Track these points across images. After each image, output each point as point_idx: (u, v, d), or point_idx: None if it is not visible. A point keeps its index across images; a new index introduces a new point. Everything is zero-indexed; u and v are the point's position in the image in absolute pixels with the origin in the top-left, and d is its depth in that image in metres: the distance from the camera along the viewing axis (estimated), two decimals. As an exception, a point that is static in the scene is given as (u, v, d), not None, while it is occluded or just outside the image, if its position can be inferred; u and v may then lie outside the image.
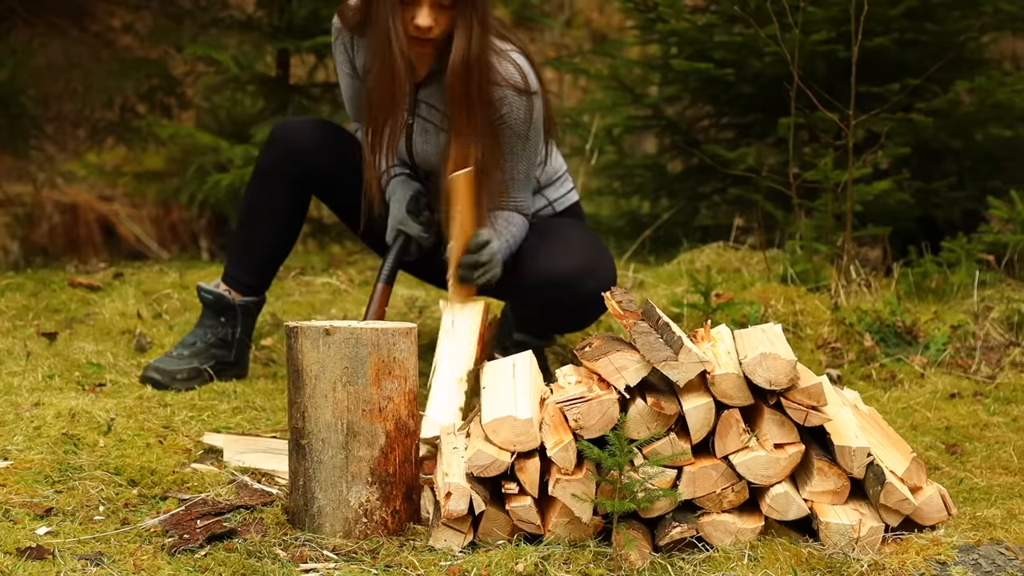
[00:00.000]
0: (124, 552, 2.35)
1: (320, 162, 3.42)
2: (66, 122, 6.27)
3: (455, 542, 2.43)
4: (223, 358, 3.49)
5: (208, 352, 3.46)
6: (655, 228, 5.36)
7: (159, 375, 3.39)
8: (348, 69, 3.42)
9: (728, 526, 2.41)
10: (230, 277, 3.50)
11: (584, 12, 9.84)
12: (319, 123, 3.49)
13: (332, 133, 3.48)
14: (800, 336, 3.88)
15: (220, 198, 5.44)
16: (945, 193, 4.90)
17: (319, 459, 2.47)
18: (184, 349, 3.45)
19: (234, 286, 3.49)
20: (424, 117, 3.34)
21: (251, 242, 3.48)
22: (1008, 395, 3.56)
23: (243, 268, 3.50)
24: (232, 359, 3.51)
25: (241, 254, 3.51)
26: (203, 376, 3.43)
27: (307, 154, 3.41)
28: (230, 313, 3.48)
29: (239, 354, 3.52)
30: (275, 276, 3.60)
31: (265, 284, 3.54)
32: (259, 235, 3.47)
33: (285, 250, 3.53)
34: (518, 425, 2.41)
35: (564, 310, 3.38)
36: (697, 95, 5.40)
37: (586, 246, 3.40)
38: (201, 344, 3.46)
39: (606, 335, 2.65)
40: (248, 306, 3.51)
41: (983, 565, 2.33)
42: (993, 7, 4.85)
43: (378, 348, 2.46)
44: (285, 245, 3.52)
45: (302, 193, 3.45)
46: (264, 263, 3.51)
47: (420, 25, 3.14)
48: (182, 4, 5.77)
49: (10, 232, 7.12)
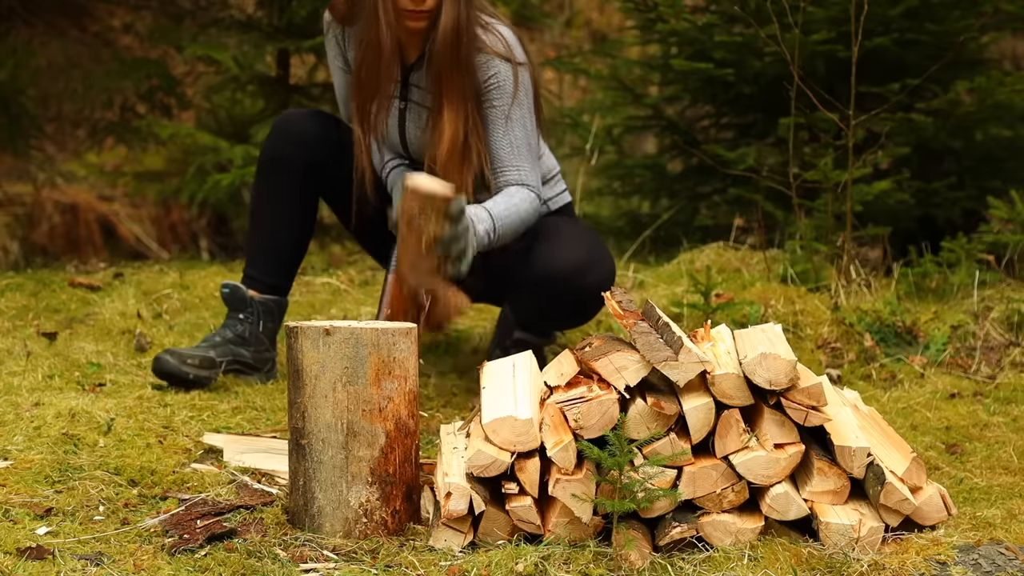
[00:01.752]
0: (124, 552, 2.35)
1: (322, 150, 3.40)
2: (66, 122, 6.27)
3: (455, 542, 2.43)
4: (240, 356, 3.41)
5: (225, 346, 3.39)
6: (655, 228, 5.36)
7: (171, 355, 3.31)
8: (341, 64, 3.41)
9: (728, 526, 2.41)
10: (247, 276, 3.44)
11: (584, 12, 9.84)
12: (319, 113, 3.49)
13: (331, 123, 3.47)
14: (800, 336, 3.88)
15: (220, 198, 5.44)
16: (945, 193, 4.89)
17: (319, 459, 2.47)
18: (203, 342, 3.41)
19: (251, 285, 3.43)
20: (416, 101, 3.32)
21: (264, 236, 3.42)
22: (1008, 395, 3.56)
23: (259, 264, 3.43)
24: (250, 359, 3.42)
25: (255, 250, 3.44)
26: (215, 367, 3.35)
27: (310, 143, 3.39)
28: (248, 308, 3.40)
29: (258, 356, 3.43)
30: (296, 274, 3.51)
31: (285, 283, 3.46)
32: (271, 228, 3.41)
33: (301, 241, 3.46)
34: (518, 425, 2.41)
35: (565, 306, 3.36)
36: (697, 95, 5.39)
37: (585, 241, 3.39)
38: (219, 338, 3.40)
39: (606, 335, 2.65)
40: (267, 304, 3.43)
41: (983, 565, 2.33)
42: (993, 7, 4.85)
43: (378, 348, 2.47)
44: (300, 239, 3.45)
45: (309, 183, 3.40)
46: (279, 256, 3.44)
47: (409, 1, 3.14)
48: (182, 4, 5.77)
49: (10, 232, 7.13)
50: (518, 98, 3.25)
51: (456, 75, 3.20)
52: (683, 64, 4.89)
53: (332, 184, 3.46)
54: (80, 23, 5.83)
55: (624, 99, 5.55)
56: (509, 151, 3.26)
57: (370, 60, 3.24)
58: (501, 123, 3.25)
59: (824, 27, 4.61)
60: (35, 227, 7.34)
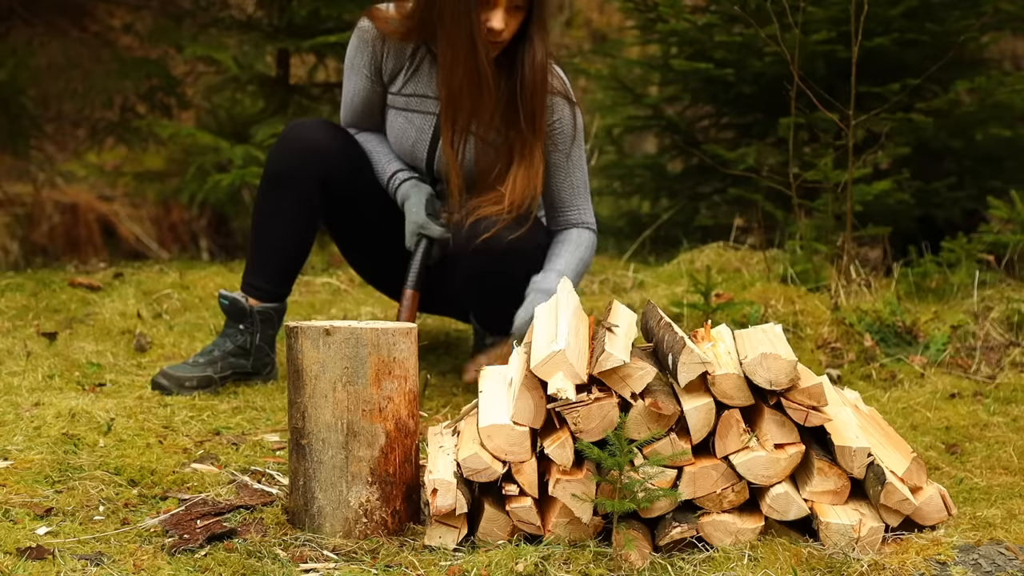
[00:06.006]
0: (124, 552, 2.35)
1: (340, 166, 3.37)
2: (66, 122, 6.26)
3: (449, 538, 2.43)
4: (240, 367, 3.40)
5: (225, 361, 3.37)
6: (655, 228, 5.36)
7: (167, 380, 3.30)
8: (369, 72, 3.39)
9: (728, 526, 2.41)
10: (247, 284, 3.42)
11: (584, 12, 9.84)
12: (328, 124, 3.45)
13: (348, 138, 3.44)
14: (800, 336, 3.88)
15: (220, 198, 5.43)
16: (945, 193, 4.90)
17: (319, 459, 2.47)
18: (201, 357, 3.37)
19: (251, 293, 3.41)
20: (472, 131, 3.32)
21: (266, 249, 3.39)
22: (1008, 395, 3.56)
23: (259, 275, 3.41)
24: (250, 368, 3.41)
25: (257, 261, 3.41)
26: (214, 385, 3.35)
27: (327, 158, 3.36)
28: (247, 320, 3.38)
29: (258, 363, 3.43)
30: (295, 280, 3.49)
31: (284, 290, 3.45)
32: (274, 241, 3.38)
33: (303, 254, 3.44)
34: (513, 435, 2.41)
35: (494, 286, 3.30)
36: (697, 95, 5.40)
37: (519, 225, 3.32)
38: (219, 352, 3.37)
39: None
40: (267, 312, 3.41)
41: (983, 565, 2.33)
42: (993, 7, 4.85)
43: (378, 348, 2.46)
44: (302, 249, 3.43)
45: (315, 196, 3.36)
46: (281, 269, 3.42)
47: (493, 28, 3.14)
48: (182, 4, 5.77)
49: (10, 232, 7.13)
50: (577, 140, 3.30)
51: (545, 112, 3.23)
52: (683, 64, 4.89)
53: (338, 199, 3.43)
54: (80, 23, 5.83)
55: (624, 99, 5.56)
56: (570, 192, 3.34)
57: (468, 89, 3.20)
58: (563, 165, 3.32)
59: (824, 27, 4.61)
60: (35, 227, 7.34)
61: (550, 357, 2.39)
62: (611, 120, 5.81)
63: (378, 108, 3.45)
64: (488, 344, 3.44)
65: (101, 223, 7.55)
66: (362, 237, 3.56)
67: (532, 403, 2.42)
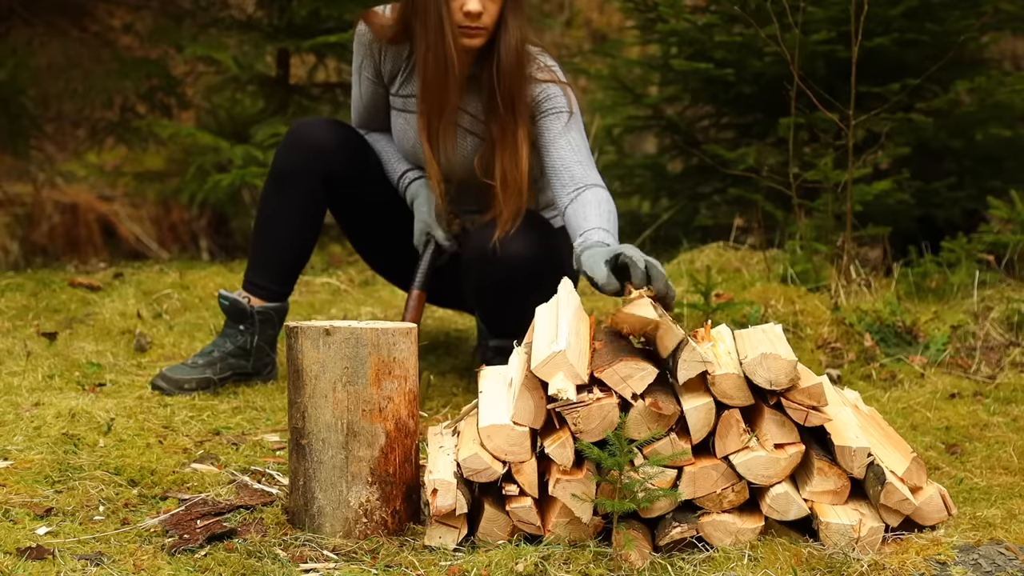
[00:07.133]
0: (124, 552, 2.35)
1: (336, 162, 3.37)
2: (66, 122, 6.26)
3: (449, 538, 2.43)
4: (240, 368, 3.39)
5: (225, 362, 3.37)
6: (655, 228, 5.36)
7: (165, 383, 3.30)
8: (371, 75, 3.39)
9: (728, 526, 2.41)
10: (249, 283, 3.41)
11: (584, 12, 9.83)
12: (334, 123, 3.45)
13: (352, 136, 3.44)
14: (800, 336, 3.88)
15: (220, 198, 5.44)
16: (945, 193, 4.89)
17: (319, 459, 2.47)
18: (200, 358, 3.37)
19: (253, 292, 3.40)
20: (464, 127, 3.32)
21: (270, 247, 3.39)
22: (1008, 395, 3.56)
23: (261, 274, 3.40)
24: (250, 369, 3.41)
25: (259, 260, 3.41)
26: (212, 387, 3.34)
27: (330, 156, 3.35)
28: (248, 320, 3.38)
29: (258, 364, 3.42)
30: (297, 280, 3.49)
31: (286, 290, 3.44)
32: (278, 239, 3.38)
33: (306, 254, 3.44)
34: (513, 435, 2.41)
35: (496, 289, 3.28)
36: (697, 95, 5.39)
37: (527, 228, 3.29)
38: (218, 353, 3.37)
39: (606, 337, 2.62)
40: (267, 312, 3.40)
41: (983, 565, 2.33)
42: (993, 7, 4.85)
43: (378, 348, 2.46)
44: (305, 248, 3.43)
45: (321, 195, 3.37)
46: (283, 268, 3.41)
47: (470, 11, 3.11)
48: (182, 4, 5.77)
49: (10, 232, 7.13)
50: (575, 116, 3.26)
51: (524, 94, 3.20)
52: (683, 64, 4.89)
53: (344, 196, 3.43)
54: (80, 23, 5.83)
55: (624, 99, 5.55)
56: (575, 161, 3.20)
57: (436, 77, 3.19)
58: (563, 136, 3.24)
59: (824, 27, 4.61)
60: (35, 227, 7.34)
61: (551, 358, 2.39)
62: (611, 120, 5.81)
63: (384, 109, 3.46)
64: (491, 345, 3.43)
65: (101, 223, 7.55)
66: (370, 231, 3.56)
67: (532, 403, 2.42)
